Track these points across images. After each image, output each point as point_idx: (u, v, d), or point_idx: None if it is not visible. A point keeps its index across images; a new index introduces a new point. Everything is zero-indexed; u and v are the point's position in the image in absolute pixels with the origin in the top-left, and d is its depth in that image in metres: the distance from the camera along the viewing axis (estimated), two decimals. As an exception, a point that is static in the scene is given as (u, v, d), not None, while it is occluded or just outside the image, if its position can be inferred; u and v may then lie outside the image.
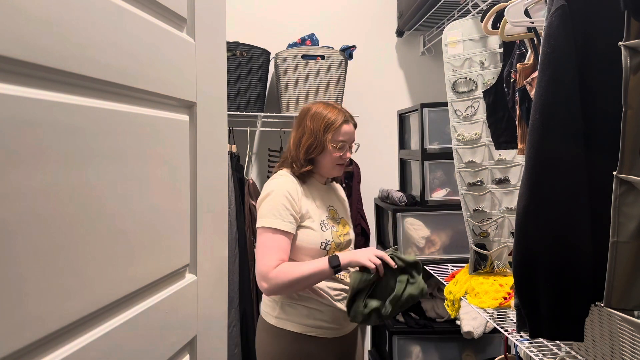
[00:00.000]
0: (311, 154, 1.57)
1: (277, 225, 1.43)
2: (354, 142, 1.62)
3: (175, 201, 0.71)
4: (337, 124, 1.56)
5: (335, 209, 1.64)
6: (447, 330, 2.40)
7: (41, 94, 0.45)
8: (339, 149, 1.56)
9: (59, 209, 0.47)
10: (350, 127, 1.59)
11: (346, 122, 1.58)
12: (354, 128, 1.61)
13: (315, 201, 1.58)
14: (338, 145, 1.56)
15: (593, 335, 1.22)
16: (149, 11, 0.64)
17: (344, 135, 1.57)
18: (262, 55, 2.43)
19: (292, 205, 1.47)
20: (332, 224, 1.58)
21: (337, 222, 1.61)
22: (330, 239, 1.53)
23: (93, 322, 0.54)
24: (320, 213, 1.56)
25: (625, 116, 0.83)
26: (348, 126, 1.58)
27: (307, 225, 1.51)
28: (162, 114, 0.68)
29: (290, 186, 1.51)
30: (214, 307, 0.85)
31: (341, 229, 1.61)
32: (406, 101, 2.87)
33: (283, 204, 1.45)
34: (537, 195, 0.99)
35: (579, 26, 0.95)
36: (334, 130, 1.55)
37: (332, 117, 1.56)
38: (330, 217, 1.60)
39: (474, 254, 1.73)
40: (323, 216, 1.57)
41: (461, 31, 1.74)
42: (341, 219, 1.65)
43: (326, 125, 1.55)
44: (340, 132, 1.56)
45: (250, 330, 2.36)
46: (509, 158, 1.70)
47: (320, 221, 1.55)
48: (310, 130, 1.57)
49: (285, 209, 1.45)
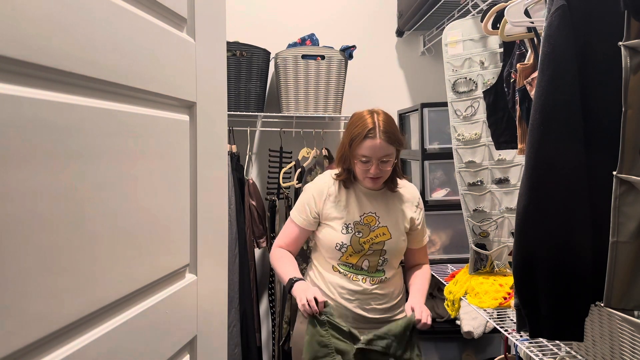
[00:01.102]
0: (344, 164, 1.61)
1: (293, 217, 1.69)
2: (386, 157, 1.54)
3: (175, 201, 0.71)
4: (360, 138, 1.52)
5: (376, 215, 1.63)
6: (447, 330, 2.40)
7: (41, 94, 0.45)
8: (362, 163, 1.54)
9: (59, 209, 0.47)
10: (375, 142, 1.51)
11: (370, 137, 1.51)
12: (381, 142, 1.51)
13: (348, 205, 1.63)
14: (360, 159, 1.54)
15: (593, 335, 1.22)
16: (149, 11, 0.64)
17: (366, 150, 1.52)
18: (262, 55, 2.43)
19: (313, 204, 1.65)
20: (360, 228, 1.61)
21: (371, 229, 1.61)
22: (348, 242, 1.60)
23: (93, 322, 0.54)
24: (350, 217, 1.61)
25: (625, 116, 0.83)
26: (372, 141, 1.51)
27: (329, 224, 1.63)
28: (162, 114, 0.68)
29: (321, 188, 1.66)
30: (214, 307, 0.85)
31: (372, 236, 1.61)
32: (406, 101, 2.87)
33: (305, 202, 1.67)
34: (537, 195, 0.99)
35: (579, 26, 0.95)
36: (357, 144, 1.53)
37: (357, 131, 1.54)
38: (363, 223, 1.61)
39: (474, 254, 1.73)
40: (352, 220, 1.61)
41: (461, 31, 1.74)
42: (381, 227, 1.62)
43: (351, 139, 1.55)
44: (363, 147, 1.52)
45: (250, 330, 2.36)
46: (509, 158, 1.70)
47: (346, 224, 1.61)
48: (342, 140, 1.63)
49: (305, 206, 1.66)
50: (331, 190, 1.65)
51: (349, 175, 1.63)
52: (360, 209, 1.63)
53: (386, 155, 1.54)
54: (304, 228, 1.67)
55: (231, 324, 2.27)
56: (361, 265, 1.62)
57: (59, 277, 0.47)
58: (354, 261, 1.61)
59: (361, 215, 1.62)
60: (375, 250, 1.61)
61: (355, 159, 1.55)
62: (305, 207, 1.66)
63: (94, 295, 0.53)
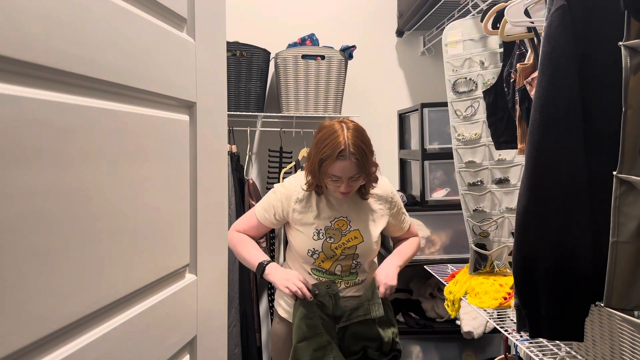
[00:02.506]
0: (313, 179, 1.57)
1: (257, 212, 1.69)
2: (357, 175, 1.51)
3: (175, 201, 0.71)
4: (331, 159, 1.47)
5: (348, 220, 1.61)
6: (447, 330, 2.41)
7: (41, 94, 0.45)
8: (332, 181, 1.52)
9: (59, 209, 0.47)
10: (345, 163, 1.47)
11: (341, 158, 1.47)
12: (352, 162, 1.48)
13: (319, 210, 1.60)
14: (331, 177, 1.51)
15: (593, 335, 1.22)
16: (148, 11, 0.64)
17: (337, 171, 1.49)
18: (262, 55, 2.43)
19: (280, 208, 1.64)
20: (331, 234, 1.59)
21: (342, 234, 1.60)
22: (320, 249, 1.59)
23: (93, 322, 0.53)
24: (321, 222, 1.59)
25: (625, 116, 0.83)
26: (342, 162, 1.47)
27: (300, 230, 1.62)
28: (162, 114, 0.68)
29: (289, 193, 1.63)
30: (214, 307, 0.85)
31: (343, 241, 1.59)
32: (406, 101, 2.87)
33: (272, 203, 1.65)
34: (537, 196, 0.99)
35: (579, 26, 0.95)
36: (328, 165, 1.48)
37: (328, 152, 1.47)
38: (334, 228, 1.60)
39: (474, 254, 1.73)
40: (322, 226, 1.59)
41: (461, 31, 1.74)
42: (353, 230, 1.61)
43: (321, 160, 1.50)
44: (334, 168, 1.48)
45: (250, 330, 2.36)
46: (509, 158, 1.70)
47: (317, 230, 1.59)
48: (311, 156, 1.56)
49: (271, 206, 1.65)
50: (300, 195, 1.62)
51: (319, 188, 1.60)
52: (331, 213, 1.60)
53: (356, 174, 1.51)
54: (264, 225, 1.67)
55: (231, 324, 2.27)
56: (334, 270, 1.61)
57: (58, 277, 0.47)
58: (326, 267, 1.60)
59: (332, 220, 1.60)
60: (347, 255, 1.60)
61: (326, 178, 1.52)
62: (271, 208, 1.64)
63: (93, 295, 0.53)
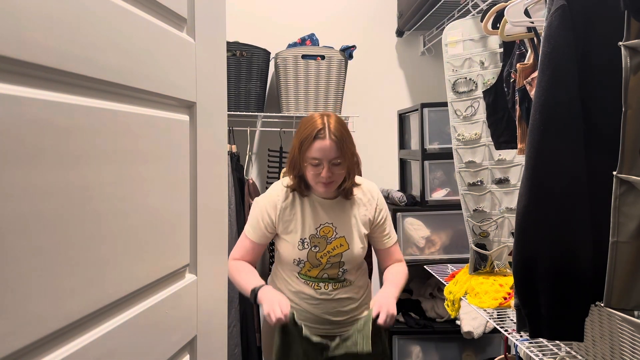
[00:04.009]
0: (295, 170, 1.52)
1: (247, 232, 1.62)
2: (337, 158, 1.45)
3: (175, 201, 0.71)
4: (310, 139, 1.43)
5: (333, 226, 1.57)
6: (447, 330, 2.40)
7: (41, 94, 0.45)
8: (313, 167, 1.46)
9: (59, 209, 0.47)
10: (325, 143, 1.42)
11: (320, 137, 1.43)
12: (331, 142, 1.43)
13: (304, 217, 1.57)
14: (311, 162, 1.46)
15: (593, 335, 1.22)
16: (148, 11, 0.64)
17: (316, 152, 1.43)
18: (262, 55, 2.43)
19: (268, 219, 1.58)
20: (316, 242, 1.55)
21: (328, 242, 1.56)
22: (305, 259, 1.55)
23: (93, 322, 0.53)
24: (306, 230, 1.55)
25: (625, 116, 0.83)
26: (322, 142, 1.42)
27: (285, 239, 1.58)
28: (162, 114, 0.68)
29: (273, 200, 1.58)
30: (214, 307, 0.85)
31: (329, 249, 1.56)
32: (406, 101, 2.87)
33: (259, 217, 1.59)
34: (537, 195, 0.99)
35: (579, 26, 0.95)
36: (307, 146, 1.44)
37: (307, 133, 1.44)
38: (319, 236, 1.56)
39: (474, 254, 1.73)
40: (307, 234, 1.55)
41: (461, 31, 1.74)
42: (338, 238, 1.57)
43: (301, 141, 1.46)
44: (313, 149, 1.43)
45: (250, 330, 2.36)
46: (509, 158, 1.70)
47: (302, 239, 1.55)
48: (292, 145, 1.52)
49: (259, 222, 1.59)
50: (284, 202, 1.57)
51: (301, 183, 1.55)
52: (315, 220, 1.56)
53: (337, 157, 1.46)
54: (259, 243, 1.60)
55: (231, 324, 2.27)
56: (321, 277, 1.59)
57: (58, 277, 0.47)
58: (313, 275, 1.58)
59: (317, 227, 1.56)
60: (333, 263, 1.57)
61: (306, 162, 1.46)
62: (259, 223, 1.58)
63: (94, 295, 0.53)
